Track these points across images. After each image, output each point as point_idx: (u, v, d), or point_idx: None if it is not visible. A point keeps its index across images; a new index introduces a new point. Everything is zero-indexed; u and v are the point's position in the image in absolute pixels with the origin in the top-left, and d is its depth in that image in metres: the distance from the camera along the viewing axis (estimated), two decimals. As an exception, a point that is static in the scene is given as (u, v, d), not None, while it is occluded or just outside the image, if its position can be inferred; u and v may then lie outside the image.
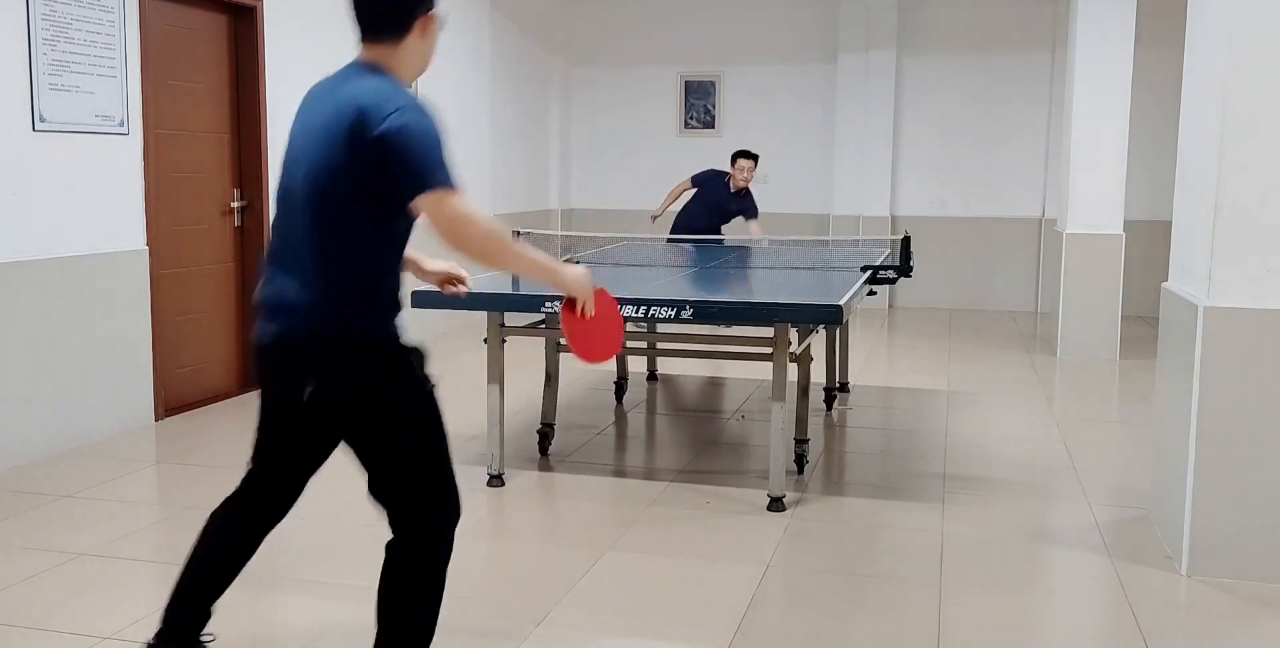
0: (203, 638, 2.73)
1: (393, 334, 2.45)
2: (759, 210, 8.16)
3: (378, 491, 2.56)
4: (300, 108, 2.53)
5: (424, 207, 2.31)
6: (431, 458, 2.59)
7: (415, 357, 2.48)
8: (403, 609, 2.52)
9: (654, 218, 8.43)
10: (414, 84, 2.60)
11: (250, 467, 2.68)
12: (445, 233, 2.31)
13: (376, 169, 2.29)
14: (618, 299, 4.07)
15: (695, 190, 8.20)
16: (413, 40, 2.47)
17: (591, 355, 2.83)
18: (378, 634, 2.49)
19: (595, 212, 10.66)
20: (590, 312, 2.70)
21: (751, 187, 8.07)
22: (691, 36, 10.43)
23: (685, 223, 8.17)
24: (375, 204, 2.34)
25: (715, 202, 8.15)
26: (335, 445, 2.64)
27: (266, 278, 2.49)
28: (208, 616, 2.71)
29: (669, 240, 7.46)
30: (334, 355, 2.39)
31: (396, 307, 2.48)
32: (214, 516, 2.66)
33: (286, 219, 2.52)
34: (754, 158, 8.13)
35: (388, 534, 3.95)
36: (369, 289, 2.40)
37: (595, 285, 2.72)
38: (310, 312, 2.38)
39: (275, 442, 2.67)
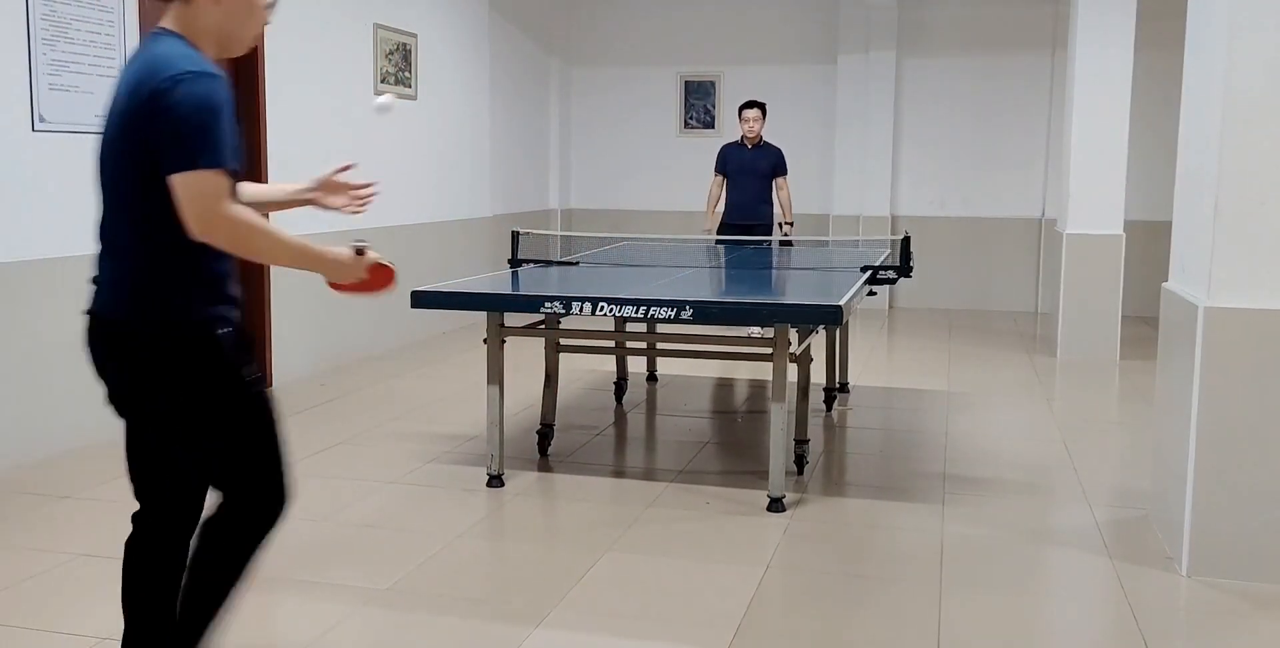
0: None
1: (203, 319, 2.25)
2: (787, 168, 7.93)
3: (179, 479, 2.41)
4: (115, 85, 2.37)
5: (174, 187, 2.14)
6: (236, 457, 2.35)
7: (231, 346, 2.28)
8: (199, 592, 2.37)
9: (708, 230, 7.95)
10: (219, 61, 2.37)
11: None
12: (190, 218, 2.14)
13: (152, 142, 2.15)
14: (618, 299, 4.09)
15: (725, 177, 7.92)
16: (205, 2, 2.30)
17: (354, 291, 2.70)
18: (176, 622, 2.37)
19: (595, 212, 10.66)
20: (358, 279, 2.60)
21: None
22: (691, 36, 10.43)
23: (735, 206, 7.83)
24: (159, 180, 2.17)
25: (745, 167, 7.83)
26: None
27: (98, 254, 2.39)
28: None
29: (718, 241, 7.18)
30: (132, 338, 2.26)
31: (217, 290, 2.30)
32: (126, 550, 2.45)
33: (101, 196, 2.41)
34: (759, 106, 7.83)
35: (387, 535, 3.96)
36: (177, 269, 2.25)
37: (378, 265, 2.59)
38: (114, 289, 2.30)
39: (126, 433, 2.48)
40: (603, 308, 4.09)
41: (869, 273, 5.03)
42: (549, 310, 4.20)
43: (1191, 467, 3.47)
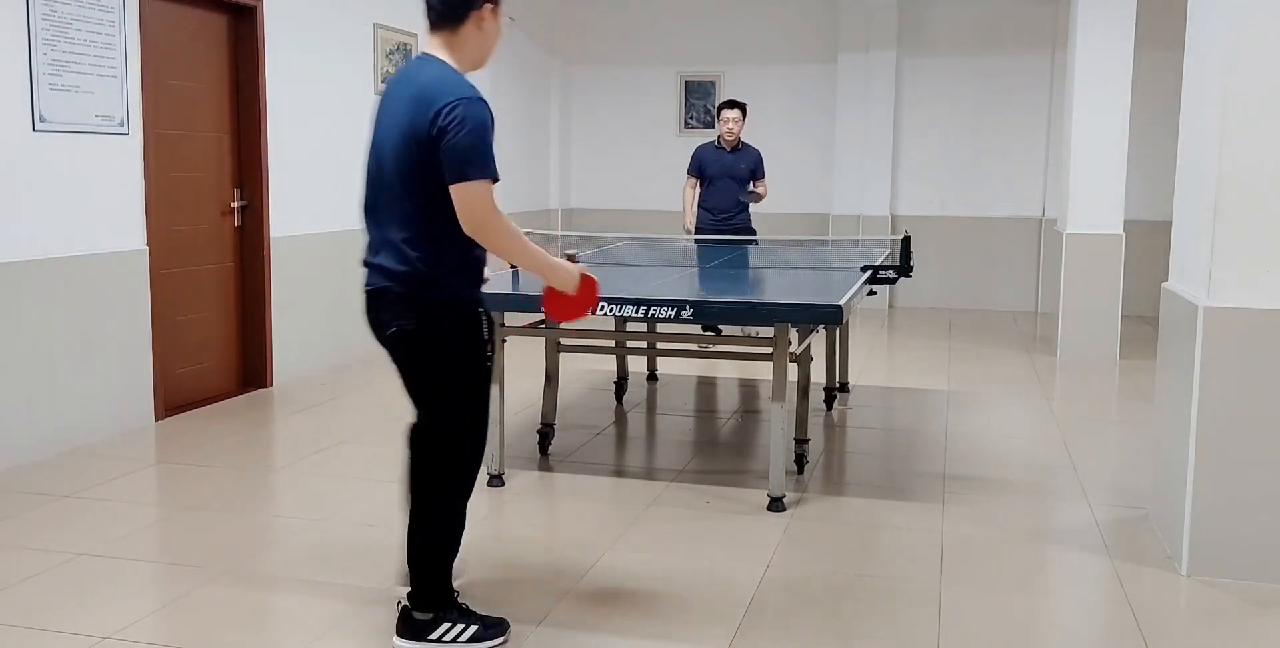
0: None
1: (466, 296, 2.85)
2: (765, 171, 7.57)
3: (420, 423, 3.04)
4: (382, 96, 2.89)
5: (456, 194, 2.67)
6: (472, 406, 2.95)
7: (485, 321, 2.89)
8: (429, 533, 2.95)
9: (688, 230, 7.67)
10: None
11: None
12: (467, 221, 2.69)
13: (436, 154, 2.66)
14: (618, 299, 4.09)
15: (701, 179, 7.59)
16: (469, 31, 2.80)
17: (559, 317, 3.23)
18: (409, 566, 2.96)
19: (595, 211, 10.67)
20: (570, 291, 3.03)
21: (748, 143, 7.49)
22: (691, 36, 10.43)
23: (713, 210, 7.53)
24: (441, 184, 2.69)
25: (725, 171, 7.47)
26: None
27: (367, 243, 2.90)
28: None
29: (696, 241, 7.10)
30: (411, 306, 2.79)
31: (474, 274, 2.87)
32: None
33: (375, 196, 2.86)
34: (739, 107, 7.44)
35: (387, 535, 3.96)
36: (453, 257, 2.78)
37: (586, 276, 3.04)
38: (397, 271, 2.78)
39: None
40: (603, 308, 4.09)
41: (869, 273, 5.03)
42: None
43: (1191, 467, 3.47)
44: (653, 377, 6.66)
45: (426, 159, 2.68)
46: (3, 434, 4.57)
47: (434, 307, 2.80)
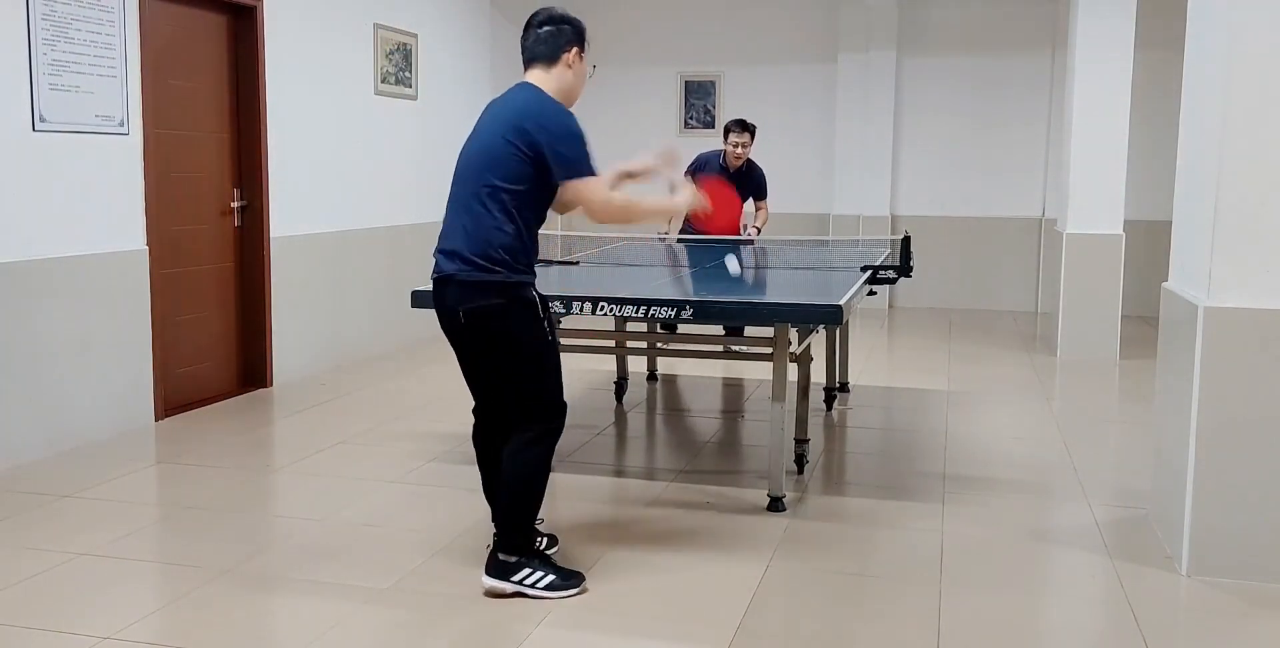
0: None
1: (531, 282, 3.21)
2: (768, 192, 7.10)
3: (504, 396, 3.33)
4: (481, 116, 3.41)
5: (570, 190, 3.19)
6: (545, 376, 3.28)
7: (546, 303, 3.25)
8: (516, 488, 3.26)
9: (663, 237, 7.16)
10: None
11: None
12: (590, 212, 3.22)
13: (533, 158, 3.14)
14: (618, 299, 4.09)
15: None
16: (560, 70, 3.35)
17: (722, 228, 3.83)
18: (498, 515, 3.31)
19: (595, 212, 10.64)
20: (708, 209, 3.65)
21: (755, 159, 7.08)
22: (691, 36, 10.43)
23: (696, 223, 6.91)
24: (530, 184, 3.16)
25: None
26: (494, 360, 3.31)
27: (443, 232, 3.29)
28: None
29: (679, 240, 6.91)
30: (484, 290, 3.15)
31: (533, 262, 3.25)
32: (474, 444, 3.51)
33: (460, 192, 3.27)
34: (750, 130, 6.90)
35: (387, 535, 3.97)
36: (515, 246, 3.16)
37: (698, 190, 3.60)
38: (467, 260, 3.15)
39: (462, 361, 3.42)
40: (603, 308, 4.09)
41: (869, 273, 5.03)
42: (560, 312, 4.19)
43: (1191, 467, 3.47)
44: (652, 377, 6.66)
45: (526, 163, 3.14)
46: (3, 434, 4.57)
47: (510, 288, 3.17)
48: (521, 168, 3.16)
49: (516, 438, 3.29)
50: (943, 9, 9.95)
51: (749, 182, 6.97)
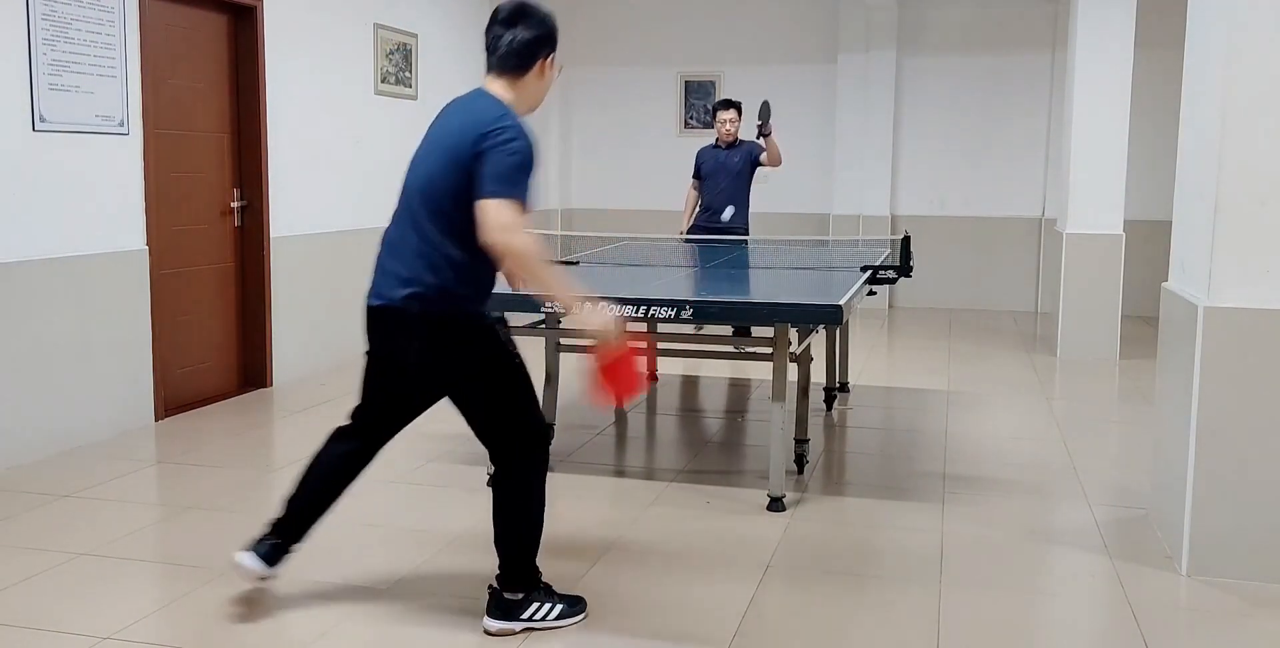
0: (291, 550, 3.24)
1: (480, 310, 2.96)
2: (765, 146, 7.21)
3: (480, 433, 3.07)
4: (433, 121, 3.06)
5: (481, 210, 2.76)
6: (515, 405, 3.03)
7: (500, 327, 3.03)
8: (511, 522, 3.05)
9: (681, 232, 7.51)
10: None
11: (358, 410, 3.21)
12: (491, 239, 2.76)
13: (472, 173, 2.79)
14: (618, 299, 4.09)
15: (700, 180, 7.48)
16: (531, 78, 2.98)
17: (609, 394, 3.14)
18: (498, 551, 3.08)
19: (595, 211, 10.66)
20: (616, 351, 3.01)
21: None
22: (691, 36, 10.43)
23: (704, 207, 7.42)
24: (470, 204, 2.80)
25: (719, 167, 7.31)
26: (433, 400, 3.13)
27: (380, 256, 3.02)
28: (303, 535, 3.27)
29: (687, 240, 7.06)
30: (429, 323, 2.88)
31: (488, 290, 2.99)
32: (325, 447, 3.25)
33: (404, 210, 3.01)
34: (734, 106, 7.29)
35: (387, 535, 3.97)
36: (463, 273, 2.88)
37: (617, 330, 3.01)
38: (409, 288, 2.88)
39: (384, 393, 3.17)
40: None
41: (869, 273, 5.03)
42: (549, 310, 4.20)
43: (1191, 467, 3.47)
44: (653, 377, 6.66)
45: (467, 178, 2.81)
46: (3, 434, 4.57)
47: (448, 322, 2.90)
48: (467, 185, 2.84)
49: (505, 468, 3.07)
50: (943, 9, 9.95)
51: (740, 153, 7.34)
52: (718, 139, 7.42)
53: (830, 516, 4.15)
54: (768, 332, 4.23)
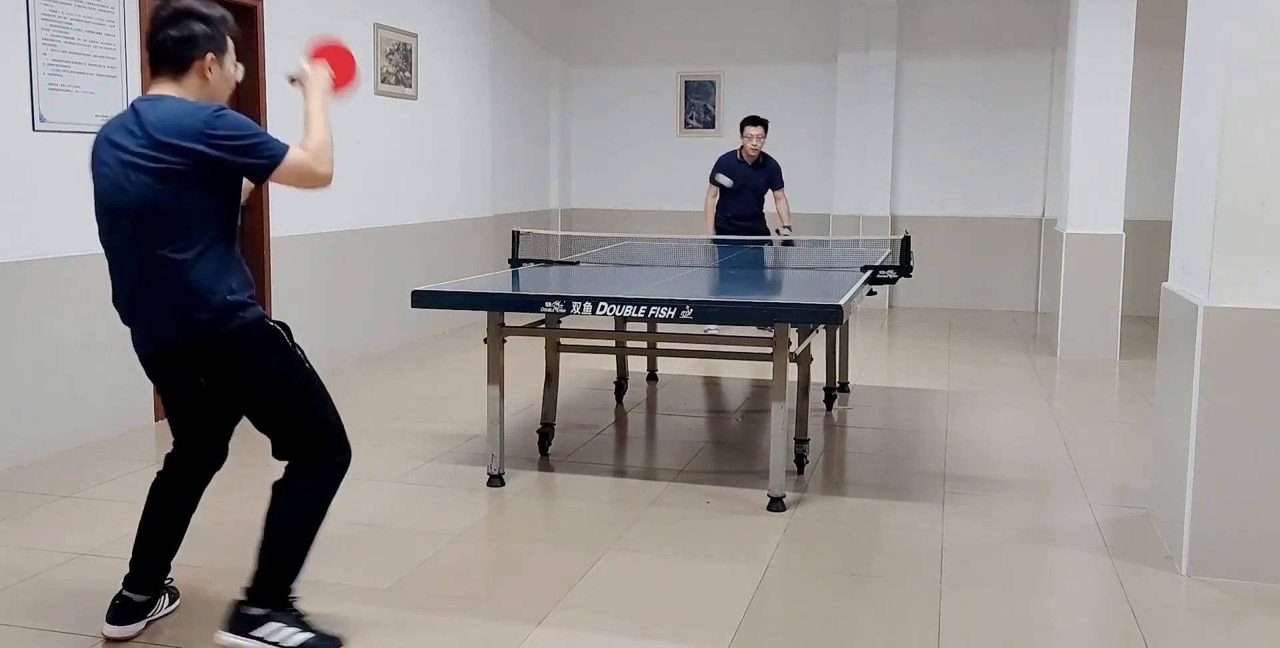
0: (167, 582, 3.11)
1: (259, 315, 2.78)
2: (784, 181, 8.04)
3: (273, 439, 2.90)
4: (101, 144, 2.83)
5: (283, 176, 2.80)
6: (310, 411, 2.91)
7: (283, 331, 2.83)
8: (284, 535, 2.86)
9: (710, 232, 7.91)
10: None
11: (173, 441, 3.04)
12: (314, 179, 2.91)
13: (195, 176, 2.62)
14: (618, 299, 4.09)
15: (721, 189, 7.94)
16: (193, 81, 2.78)
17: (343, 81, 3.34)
18: (257, 561, 2.85)
19: (595, 211, 10.66)
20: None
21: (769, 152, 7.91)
22: (691, 36, 10.43)
23: (730, 216, 7.89)
24: (201, 207, 2.69)
25: (743, 182, 7.89)
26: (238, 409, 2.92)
27: (130, 302, 2.84)
28: (168, 568, 3.08)
29: (714, 240, 7.29)
30: (221, 343, 2.72)
31: (248, 287, 2.80)
32: (154, 486, 3.06)
33: (126, 251, 2.83)
34: (762, 123, 7.83)
35: (387, 535, 3.96)
36: (223, 282, 2.72)
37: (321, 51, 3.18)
38: (185, 324, 2.71)
39: (187, 414, 2.99)
40: (603, 308, 4.09)
41: (869, 273, 5.03)
42: (549, 310, 4.20)
43: (1191, 467, 3.47)
44: (653, 377, 6.66)
45: (203, 175, 2.64)
46: (3, 434, 4.57)
47: (234, 333, 2.72)
48: (187, 197, 2.65)
49: (294, 473, 2.89)
50: (943, 9, 9.95)
51: (765, 172, 7.97)
52: (741, 152, 7.93)
53: (830, 516, 4.15)
54: (752, 329, 4.23)
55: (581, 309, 4.12)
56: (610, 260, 5.86)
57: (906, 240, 5.24)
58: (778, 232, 7.93)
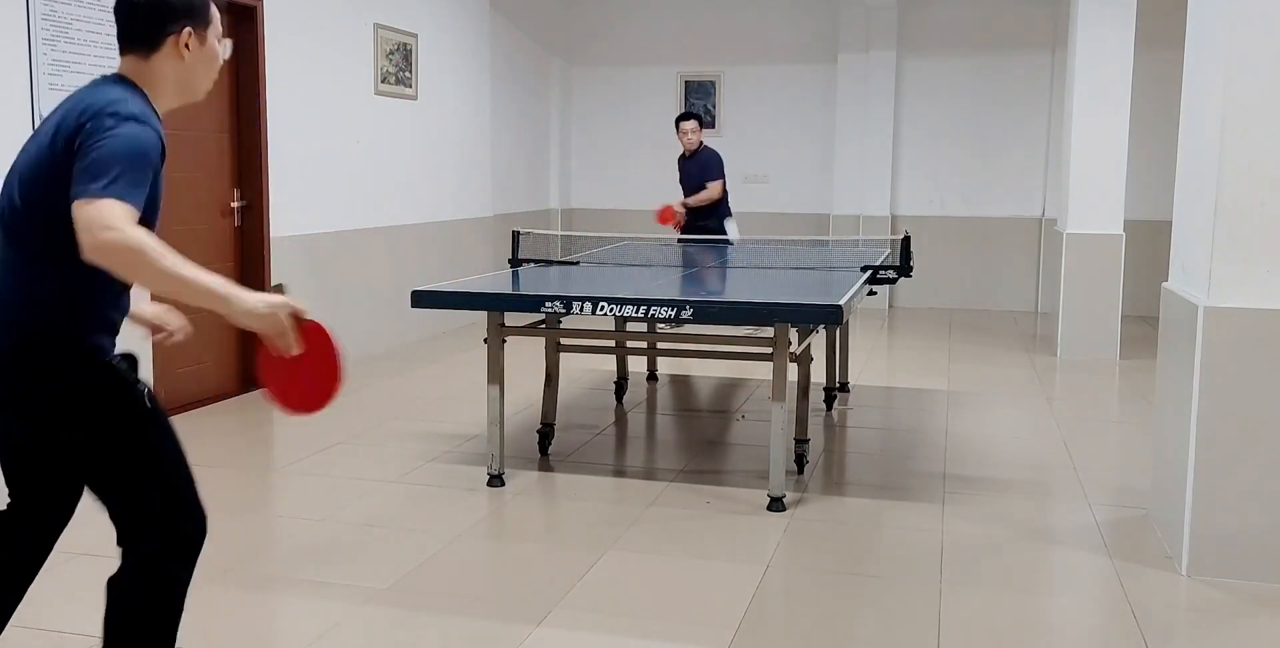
0: None
1: (99, 349, 2.20)
2: (719, 172, 8.00)
3: (110, 512, 2.40)
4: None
5: (75, 214, 1.98)
6: (155, 479, 2.39)
7: (124, 370, 2.23)
8: (139, 624, 2.39)
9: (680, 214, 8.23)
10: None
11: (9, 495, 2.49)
12: (84, 242, 1.97)
13: (72, 168, 2.04)
14: (618, 299, 4.09)
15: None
16: (164, 58, 2.25)
17: (293, 403, 2.41)
18: None
19: (595, 211, 10.66)
20: (290, 349, 2.26)
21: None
22: (691, 36, 10.43)
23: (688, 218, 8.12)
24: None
25: (684, 177, 8.16)
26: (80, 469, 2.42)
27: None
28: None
29: (680, 240, 7.47)
30: (44, 370, 2.16)
31: (108, 324, 2.23)
32: None
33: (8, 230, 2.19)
34: (694, 117, 8.09)
35: (387, 535, 3.96)
36: (71, 304, 2.15)
37: (300, 314, 2.25)
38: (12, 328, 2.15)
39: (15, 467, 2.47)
40: (603, 308, 4.09)
41: (869, 273, 5.03)
42: (549, 310, 4.20)
43: (1191, 466, 3.47)
44: (653, 376, 6.66)
45: (63, 174, 2.06)
46: (3, 434, 4.56)
47: (71, 367, 2.15)
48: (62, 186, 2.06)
49: (134, 560, 2.41)
50: (943, 9, 9.95)
51: (696, 162, 8.07)
52: (683, 152, 8.15)
53: (830, 516, 4.15)
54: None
55: (581, 309, 4.12)
56: (610, 260, 5.86)
57: (906, 240, 5.24)
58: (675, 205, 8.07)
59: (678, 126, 8.09)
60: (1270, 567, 3.43)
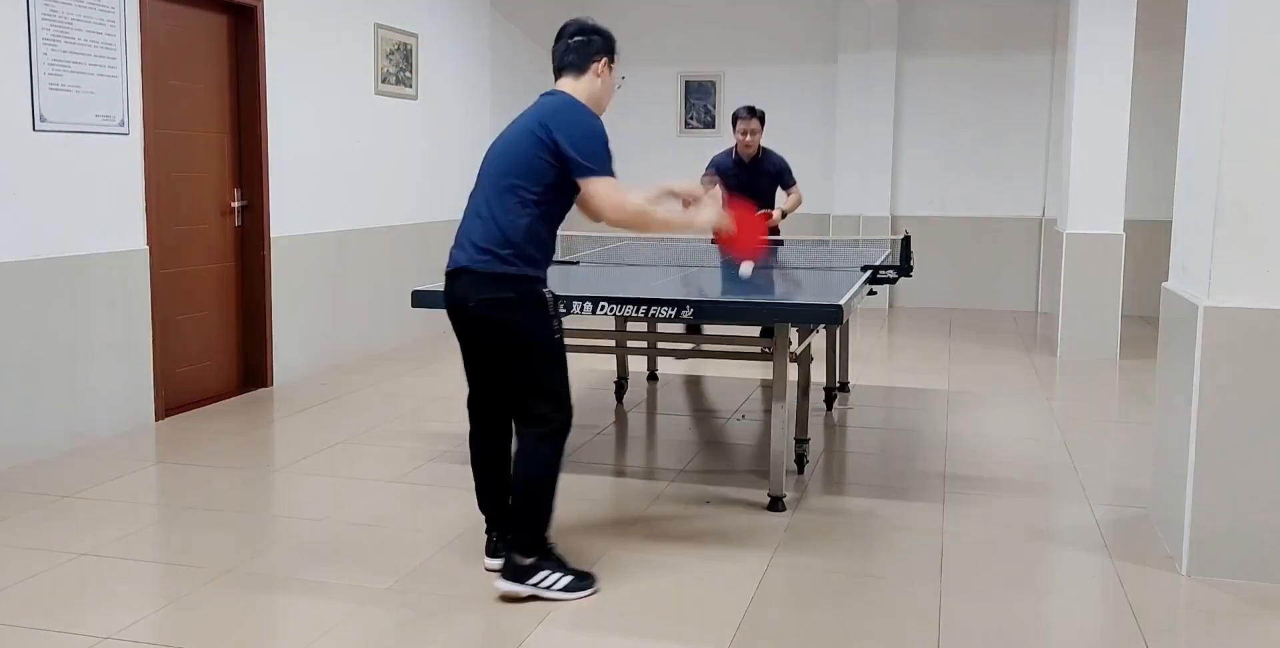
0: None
1: (543, 278, 3.30)
2: (794, 177, 6.65)
3: (512, 395, 3.38)
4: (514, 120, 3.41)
5: (585, 189, 3.22)
6: (552, 373, 3.38)
7: (558, 302, 3.34)
8: (529, 489, 3.27)
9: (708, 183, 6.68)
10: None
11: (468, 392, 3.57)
12: (603, 212, 3.25)
13: (553, 157, 3.19)
14: (618, 299, 4.10)
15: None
16: (589, 79, 3.40)
17: (747, 255, 4.28)
18: (513, 512, 3.32)
19: (595, 212, 10.65)
20: (731, 231, 3.83)
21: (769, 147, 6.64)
22: (691, 36, 10.44)
23: (720, 242, 6.73)
24: (549, 184, 3.21)
25: (739, 186, 6.24)
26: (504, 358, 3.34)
27: (461, 228, 3.39)
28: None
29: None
30: (497, 282, 3.23)
31: (548, 261, 3.33)
32: (470, 444, 3.58)
33: (479, 191, 3.37)
34: (756, 114, 6.44)
35: (387, 535, 3.96)
36: (530, 242, 3.24)
37: (723, 210, 3.67)
38: (483, 251, 3.24)
39: (466, 356, 3.54)
40: (603, 307, 4.09)
41: (869, 272, 5.03)
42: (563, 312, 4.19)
43: (1191, 466, 3.47)
44: (653, 377, 6.66)
45: (544, 163, 3.20)
46: (3, 434, 4.57)
47: (522, 283, 3.24)
48: (542, 167, 3.20)
49: (526, 437, 3.32)
50: (943, 9, 9.95)
51: (765, 171, 6.56)
52: (735, 152, 6.59)
53: (830, 515, 4.15)
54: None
55: (581, 309, 4.12)
56: (610, 260, 5.86)
57: (907, 240, 5.24)
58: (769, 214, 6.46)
59: (734, 124, 6.46)
60: (1270, 567, 3.43)
